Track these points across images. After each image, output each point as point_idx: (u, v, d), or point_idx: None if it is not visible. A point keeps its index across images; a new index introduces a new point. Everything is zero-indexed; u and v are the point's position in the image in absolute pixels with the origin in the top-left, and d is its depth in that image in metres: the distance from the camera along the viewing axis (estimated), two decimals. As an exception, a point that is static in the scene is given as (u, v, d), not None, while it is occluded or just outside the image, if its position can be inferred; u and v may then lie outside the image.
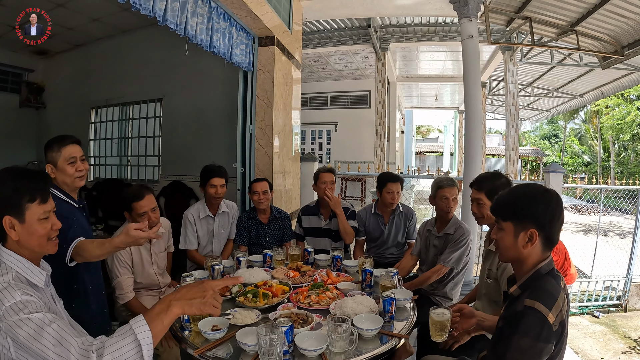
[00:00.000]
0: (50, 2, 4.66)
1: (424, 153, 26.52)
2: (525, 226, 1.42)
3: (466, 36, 4.54)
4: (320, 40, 8.94)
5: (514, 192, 1.51)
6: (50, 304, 1.41)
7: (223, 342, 1.71)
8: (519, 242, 1.43)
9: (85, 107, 6.60)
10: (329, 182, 3.45)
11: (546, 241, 1.43)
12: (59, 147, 2.13)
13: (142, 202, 2.53)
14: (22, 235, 1.34)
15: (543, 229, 1.41)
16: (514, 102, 8.56)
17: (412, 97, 16.88)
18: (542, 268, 1.43)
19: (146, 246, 2.72)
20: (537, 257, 1.44)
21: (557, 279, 1.43)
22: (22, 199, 1.33)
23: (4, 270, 1.29)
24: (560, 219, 1.45)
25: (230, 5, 3.37)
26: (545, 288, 1.37)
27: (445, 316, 1.76)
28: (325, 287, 2.24)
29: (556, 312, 1.31)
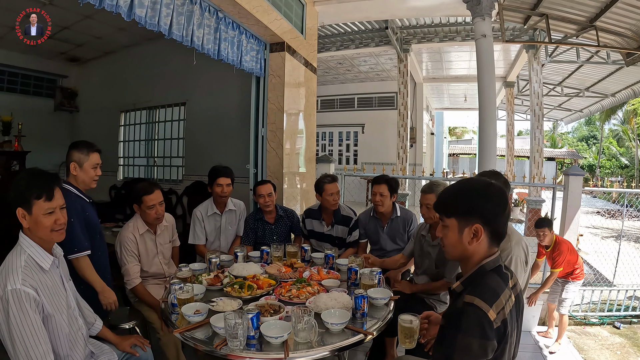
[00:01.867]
0: (79, 14, 5.04)
1: (458, 155, 26.00)
2: (469, 221, 1.38)
3: (479, 35, 4.53)
4: (343, 42, 9.03)
5: (456, 187, 1.47)
6: (56, 285, 1.70)
7: (203, 325, 1.88)
8: (464, 239, 1.40)
9: (115, 111, 7.01)
10: (335, 193, 3.47)
11: (493, 236, 1.39)
12: (88, 151, 2.49)
13: (152, 196, 2.81)
14: (30, 224, 1.66)
15: (488, 224, 1.38)
16: (539, 102, 8.32)
17: (443, 98, 16.64)
18: (486, 264, 1.39)
19: (151, 237, 2.94)
20: (483, 253, 1.40)
21: (504, 276, 1.39)
22: (31, 195, 1.63)
23: (20, 252, 1.63)
24: (506, 213, 1.41)
25: (237, 15, 3.53)
26: (487, 284, 1.34)
27: (413, 323, 1.75)
28: (307, 283, 2.36)
29: (497, 309, 1.28)
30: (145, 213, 2.82)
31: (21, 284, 1.52)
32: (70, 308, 1.79)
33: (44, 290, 1.62)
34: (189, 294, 2.05)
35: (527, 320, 4.15)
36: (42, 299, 1.60)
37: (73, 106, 7.48)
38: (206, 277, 2.49)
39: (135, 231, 2.85)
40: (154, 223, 2.92)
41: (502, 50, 9.46)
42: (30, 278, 1.58)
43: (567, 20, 5.20)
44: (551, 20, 5.10)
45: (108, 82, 7.02)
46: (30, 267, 1.62)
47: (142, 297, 2.76)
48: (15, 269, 1.56)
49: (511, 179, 10.00)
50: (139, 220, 2.89)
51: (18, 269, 1.56)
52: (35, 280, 1.60)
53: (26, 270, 1.58)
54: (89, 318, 2.04)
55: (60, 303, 1.71)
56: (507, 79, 11.34)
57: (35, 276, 1.61)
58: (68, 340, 1.73)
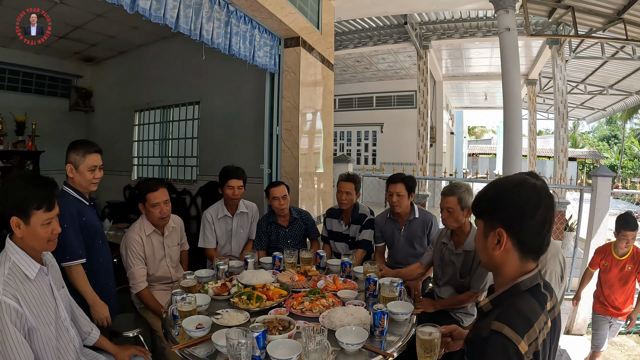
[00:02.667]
0: (90, 13, 4.97)
1: (477, 155, 25.53)
2: (493, 225, 1.19)
3: (503, 29, 4.32)
4: (361, 40, 8.83)
5: (488, 187, 1.28)
6: (43, 294, 1.58)
7: (205, 341, 1.72)
8: (489, 245, 1.21)
9: (129, 110, 6.96)
10: (344, 192, 3.34)
11: (521, 246, 1.17)
12: (84, 153, 2.30)
13: (156, 193, 2.68)
14: (25, 234, 1.55)
15: (511, 229, 1.16)
16: (563, 100, 7.96)
17: (462, 96, 16.29)
18: (522, 283, 1.17)
19: (159, 239, 2.81)
20: (514, 266, 1.19)
21: (541, 299, 1.17)
22: (30, 206, 1.52)
23: (4, 258, 1.53)
24: (537, 219, 1.15)
25: (249, 8, 3.37)
26: (519, 308, 1.12)
27: (433, 335, 1.56)
28: (321, 295, 2.17)
29: (530, 340, 1.07)
30: (150, 212, 2.70)
31: (2, 294, 1.41)
32: (60, 319, 1.66)
33: (28, 300, 1.50)
34: (192, 306, 1.88)
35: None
36: (25, 310, 1.47)
37: (88, 106, 7.47)
38: (213, 285, 2.32)
39: (141, 232, 2.72)
40: (159, 223, 2.78)
41: (524, 47, 9.13)
42: (12, 287, 1.46)
43: (593, 13, 4.90)
44: (577, 13, 4.82)
45: (122, 81, 6.97)
46: (14, 275, 1.50)
47: (147, 302, 2.63)
48: None
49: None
50: (145, 220, 2.77)
51: (0, 278, 1.45)
52: (19, 290, 1.48)
53: (9, 279, 1.47)
54: (84, 327, 1.92)
55: (48, 314, 1.58)
56: (529, 76, 10.97)
57: (18, 285, 1.49)
58: (57, 352, 1.61)
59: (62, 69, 7.16)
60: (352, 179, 3.37)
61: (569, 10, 4.74)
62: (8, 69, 6.52)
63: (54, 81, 7.18)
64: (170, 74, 6.19)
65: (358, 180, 3.42)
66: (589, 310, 4.22)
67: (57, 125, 7.00)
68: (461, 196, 2.54)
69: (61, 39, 5.99)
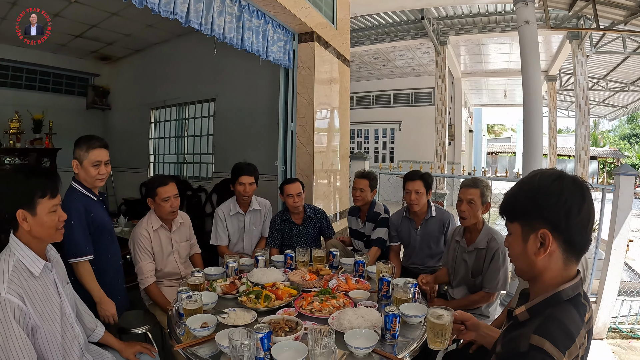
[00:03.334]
0: (105, 12, 5.01)
1: (496, 153, 25.10)
2: (533, 226, 1.08)
3: (522, 22, 4.16)
4: (378, 36, 8.73)
5: (520, 183, 1.17)
6: (47, 291, 1.56)
7: (209, 341, 1.67)
8: (529, 249, 1.10)
9: (146, 108, 7.02)
10: (358, 188, 3.30)
11: (567, 247, 1.07)
12: (87, 148, 2.27)
13: (166, 187, 2.70)
14: (33, 226, 1.51)
15: (557, 229, 1.05)
16: (584, 96, 7.71)
17: (482, 94, 16.01)
18: (564, 292, 1.07)
19: (166, 234, 2.80)
20: (557, 272, 1.09)
21: (582, 310, 1.07)
22: (35, 195, 1.50)
23: (8, 255, 1.49)
24: (582, 215, 1.05)
25: (261, 2, 3.33)
26: (561, 322, 1.02)
27: (444, 319, 1.49)
28: (332, 295, 2.10)
29: (571, 357, 0.97)
30: (160, 206, 2.69)
31: (6, 292, 1.38)
32: (65, 315, 1.63)
33: (33, 297, 1.48)
34: (197, 304, 1.83)
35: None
36: (29, 308, 1.45)
37: (105, 104, 7.57)
38: (221, 283, 2.27)
39: (149, 227, 2.72)
40: (168, 217, 2.77)
41: (544, 42, 8.89)
42: (16, 285, 1.43)
43: (614, 5, 4.68)
44: (598, 5, 4.62)
45: (139, 79, 7.04)
46: (19, 272, 1.47)
47: (154, 298, 2.61)
48: (1, 274, 1.42)
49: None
50: (153, 215, 2.77)
51: (4, 275, 1.42)
52: (23, 287, 1.45)
53: (13, 277, 1.44)
54: (89, 324, 1.90)
55: (53, 310, 1.56)
56: (549, 72, 10.70)
57: (23, 283, 1.46)
58: (61, 349, 1.58)
59: (79, 68, 7.27)
60: (366, 176, 3.31)
61: (590, 3, 4.54)
62: (26, 68, 6.65)
63: (71, 80, 7.30)
64: (186, 71, 6.23)
65: (373, 178, 3.35)
66: (609, 314, 4.07)
67: (75, 123, 7.09)
68: (483, 190, 2.47)
69: (77, 38, 6.06)
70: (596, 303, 4.12)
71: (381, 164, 8.34)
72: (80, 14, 5.12)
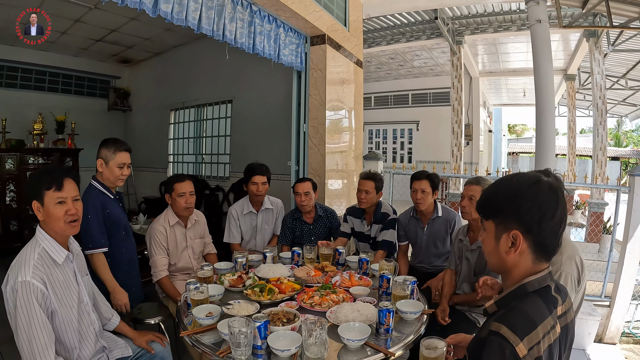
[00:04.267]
0: (124, 17, 5.22)
1: (517, 154, 24.65)
2: (507, 226, 1.13)
3: (534, 21, 4.17)
4: (393, 36, 8.74)
5: (497, 184, 1.21)
6: (68, 279, 1.74)
7: (213, 329, 1.79)
8: (501, 247, 1.15)
9: (165, 109, 7.24)
10: (363, 190, 3.24)
11: (538, 248, 1.11)
12: (115, 150, 2.48)
13: (183, 184, 2.87)
14: (44, 216, 1.71)
15: (529, 231, 1.10)
16: (602, 95, 7.54)
17: (501, 93, 15.77)
18: (529, 283, 1.12)
19: (181, 230, 2.95)
20: (525, 269, 1.14)
21: (550, 301, 1.11)
22: (42, 187, 1.68)
23: (35, 245, 1.68)
24: (556, 219, 1.10)
25: (272, 7, 3.41)
26: (522, 310, 1.07)
27: (438, 351, 1.49)
28: (332, 290, 2.19)
29: (531, 343, 1.01)
30: (176, 201, 2.86)
31: (31, 277, 1.55)
32: (82, 303, 1.79)
33: (54, 283, 1.64)
34: (204, 295, 1.95)
35: (581, 338, 3.74)
36: (50, 293, 1.61)
37: (126, 105, 7.85)
38: (229, 277, 2.39)
39: (165, 223, 2.88)
40: (183, 214, 2.92)
41: (561, 40, 8.72)
42: (40, 271, 1.60)
43: (628, 2, 4.61)
44: (611, 3, 4.55)
45: (158, 81, 7.27)
46: (43, 260, 1.65)
47: (166, 290, 2.76)
48: (27, 261, 1.59)
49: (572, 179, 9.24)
50: (170, 212, 2.93)
51: (30, 262, 1.59)
52: (46, 274, 1.62)
53: (38, 264, 1.61)
54: (105, 313, 2.06)
55: (71, 297, 1.72)
56: (568, 71, 10.48)
57: (46, 269, 1.63)
58: (77, 334, 1.74)
59: (100, 71, 7.57)
60: (372, 177, 3.25)
61: (603, 0, 4.50)
62: (49, 72, 6.96)
63: (93, 82, 7.60)
64: (203, 73, 6.39)
65: (379, 179, 3.30)
66: (622, 318, 4.03)
67: (96, 124, 7.41)
68: None
69: (98, 42, 6.32)
70: (609, 307, 4.09)
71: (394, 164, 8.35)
72: (101, 19, 5.34)
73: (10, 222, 5.99)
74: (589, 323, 3.76)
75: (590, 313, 3.83)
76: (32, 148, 6.22)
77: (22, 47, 6.32)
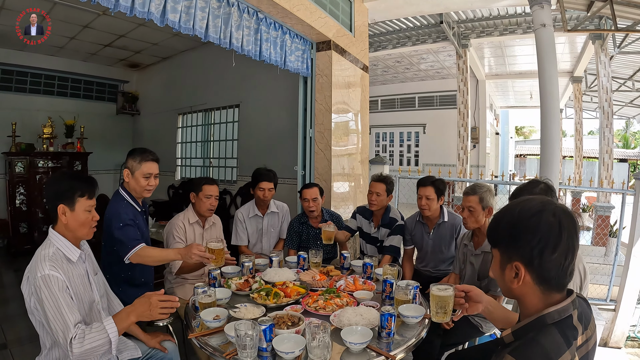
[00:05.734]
0: (132, 23, 5.31)
1: (525, 156, 24.53)
2: (510, 257, 1.10)
3: (539, 25, 4.17)
4: (399, 40, 8.77)
5: (502, 213, 1.16)
6: (82, 276, 1.81)
7: (220, 332, 1.84)
8: (506, 277, 1.12)
9: (173, 113, 7.33)
10: (375, 192, 3.28)
11: (542, 281, 1.07)
12: (141, 160, 2.48)
13: (212, 187, 2.98)
14: (70, 220, 1.76)
15: (530, 264, 1.06)
16: (608, 98, 7.49)
17: (508, 95, 15.72)
18: (549, 315, 1.05)
19: (199, 230, 3.05)
20: (537, 298, 1.09)
21: (569, 334, 1.04)
22: (75, 193, 1.76)
23: (48, 245, 1.74)
24: (558, 254, 1.04)
25: (278, 15, 3.48)
26: (539, 344, 1.01)
27: (447, 292, 1.60)
28: (336, 294, 2.23)
29: None
30: (201, 201, 2.95)
31: (49, 269, 1.62)
32: (94, 302, 1.85)
33: (70, 278, 1.71)
34: (211, 299, 2.01)
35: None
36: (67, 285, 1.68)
37: (134, 109, 7.96)
38: (236, 281, 2.45)
39: (185, 220, 2.98)
40: (205, 214, 3.01)
41: (568, 43, 8.70)
42: (57, 266, 1.66)
43: (632, 5, 4.59)
44: (616, 6, 4.54)
45: (166, 86, 7.37)
46: (58, 257, 1.71)
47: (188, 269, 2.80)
48: (43, 258, 1.66)
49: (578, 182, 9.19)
50: (190, 211, 3.03)
51: (45, 258, 1.66)
52: (62, 268, 1.69)
53: (53, 259, 1.68)
54: None
55: (85, 294, 1.79)
56: (574, 73, 10.43)
57: (62, 265, 1.70)
58: None
59: (109, 75, 7.69)
60: (383, 180, 3.31)
61: (608, 3, 4.48)
62: (58, 76, 7.08)
63: (101, 86, 7.73)
64: (211, 78, 6.46)
65: (390, 182, 3.35)
66: (628, 323, 4.02)
67: (105, 128, 7.53)
68: (482, 196, 2.54)
69: (107, 47, 6.42)
70: (615, 311, 4.09)
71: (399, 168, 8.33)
72: (109, 25, 5.44)
73: (20, 224, 6.09)
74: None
75: (596, 317, 3.80)
76: (42, 152, 6.33)
77: (32, 52, 6.46)
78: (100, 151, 7.15)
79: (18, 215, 6.09)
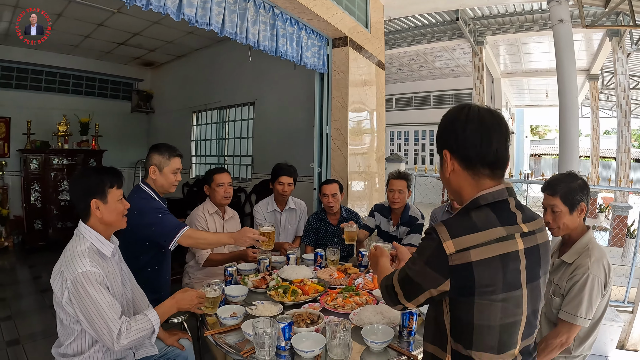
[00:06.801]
0: (147, 21, 5.33)
1: (540, 155, 24.18)
2: (440, 149, 1.22)
3: (556, 21, 4.07)
4: (414, 37, 8.69)
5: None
6: (114, 271, 1.81)
7: (237, 329, 1.82)
8: (444, 171, 1.23)
9: (188, 111, 7.36)
10: (397, 190, 3.24)
11: (466, 163, 1.15)
12: (170, 156, 2.47)
13: (222, 175, 3.02)
14: (104, 213, 1.76)
15: (451, 147, 1.18)
16: (626, 96, 7.32)
17: (523, 94, 15.51)
18: (482, 197, 1.13)
19: (220, 221, 3.10)
20: (471, 188, 1.17)
21: (505, 215, 1.12)
22: (106, 185, 1.77)
23: (81, 240, 1.72)
24: (467, 133, 1.13)
25: (294, 10, 3.44)
26: (469, 216, 1.11)
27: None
28: (356, 292, 2.19)
29: (463, 245, 1.05)
30: (215, 191, 2.99)
31: (90, 266, 1.60)
32: (126, 297, 1.88)
33: (107, 275, 1.71)
34: (216, 293, 1.94)
35: (603, 344, 3.64)
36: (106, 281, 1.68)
37: (148, 107, 8.02)
38: (253, 278, 2.42)
39: (204, 211, 3.02)
40: (222, 202, 3.04)
41: (584, 40, 8.54)
42: (94, 262, 1.65)
43: None
44: (634, 1, 4.40)
45: (181, 83, 7.40)
46: (93, 253, 1.70)
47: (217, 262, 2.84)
48: (80, 253, 1.64)
49: (595, 181, 9.02)
50: (209, 203, 3.07)
51: (84, 254, 1.64)
52: (100, 264, 1.68)
53: (91, 255, 1.66)
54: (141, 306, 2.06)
55: (120, 289, 1.80)
56: (591, 71, 10.23)
57: (99, 261, 1.69)
58: None
59: (123, 73, 7.76)
60: (403, 177, 3.28)
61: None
62: (72, 75, 7.17)
63: (116, 85, 7.80)
64: (226, 75, 6.47)
65: (409, 178, 3.32)
66: (645, 324, 3.91)
67: (120, 125, 7.60)
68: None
69: (121, 45, 6.47)
70: (632, 312, 3.97)
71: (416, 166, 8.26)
72: (124, 23, 5.47)
73: (34, 221, 6.15)
74: (611, 329, 3.66)
75: (613, 319, 3.73)
76: (57, 149, 6.41)
77: (47, 51, 6.54)
78: (115, 149, 7.20)
79: (33, 212, 6.15)
